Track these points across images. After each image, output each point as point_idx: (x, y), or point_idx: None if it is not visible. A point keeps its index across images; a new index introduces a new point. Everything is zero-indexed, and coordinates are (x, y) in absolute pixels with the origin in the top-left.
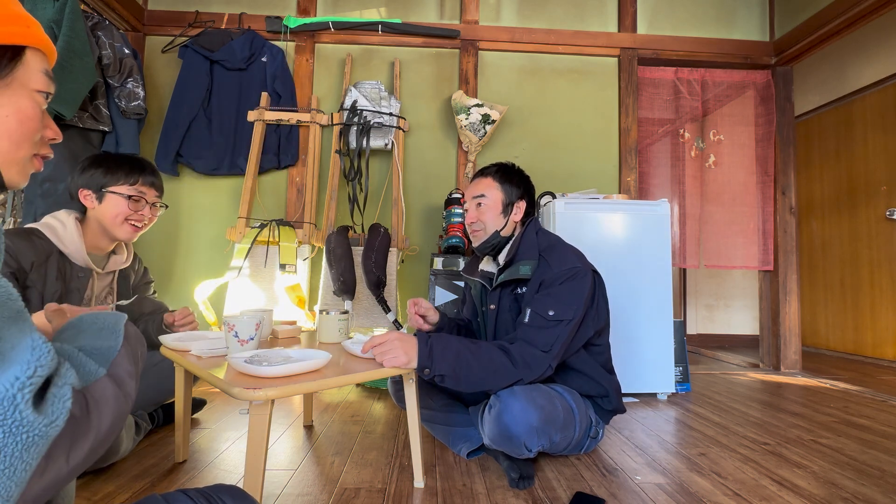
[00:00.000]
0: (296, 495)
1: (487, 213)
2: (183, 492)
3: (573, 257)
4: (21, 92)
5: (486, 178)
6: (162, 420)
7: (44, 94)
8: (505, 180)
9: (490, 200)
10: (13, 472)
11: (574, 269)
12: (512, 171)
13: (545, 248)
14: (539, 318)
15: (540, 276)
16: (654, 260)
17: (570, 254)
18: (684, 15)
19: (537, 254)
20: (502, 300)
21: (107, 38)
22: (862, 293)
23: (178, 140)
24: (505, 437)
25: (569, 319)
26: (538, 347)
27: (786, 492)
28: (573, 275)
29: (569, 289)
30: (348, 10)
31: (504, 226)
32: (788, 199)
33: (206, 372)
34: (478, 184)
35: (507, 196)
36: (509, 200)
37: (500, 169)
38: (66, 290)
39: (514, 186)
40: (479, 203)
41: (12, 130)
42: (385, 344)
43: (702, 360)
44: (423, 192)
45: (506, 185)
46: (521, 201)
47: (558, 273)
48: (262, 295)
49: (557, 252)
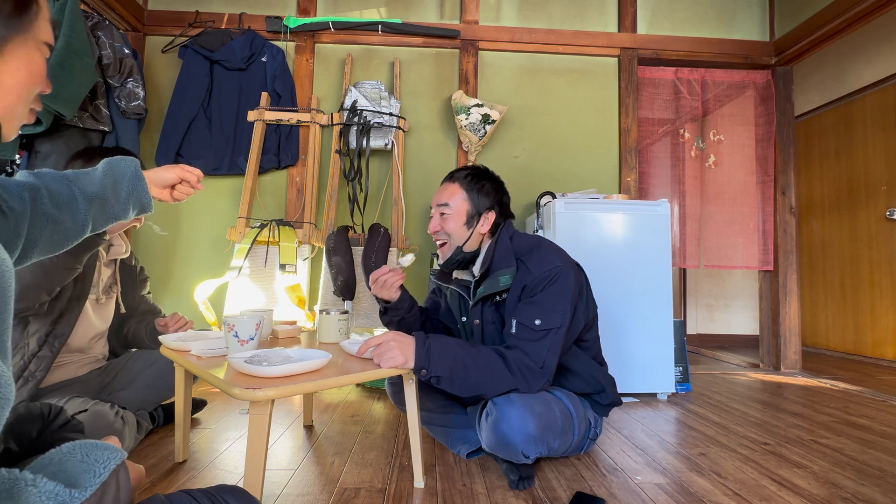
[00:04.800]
0: (296, 495)
1: (450, 223)
2: (186, 492)
3: (553, 256)
4: (32, 44)
5: (454, 183)
6: (162, 420)
7: (48, 45)
8: (473, 188)
9: (453, 210)
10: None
11: (555, 270)
12: (483, 178)
13: (522, 252)
14: (526, 329)
15: (521, 281)
16: (654, 260)
17: (549, 252)
18: (684, 15)
19: (514, 260)
20: (485, 314)
21: (107, 38)
22: (862, 293)
23: (178, 140)
24: (502, 446)
25: (556, 328)
26: (535, 361)
27: (786, 492)
28: (555, 276)
29: (552, 293)
30: (348, 10)
31: (467, 239)
32: (788, 199)
33: (206, 372)
34: (443, 190)
35: (474, 206)
36: (475, 211)
37: (470, 174)
38: (78, 268)
39: (482, 195)
40: (443, 213)
41: (22, 84)
42: (382, 345)
43: (702, 360)
44: (423, 192)
45: (473, 194)
46: (490, 212)
47: (539, 276)
48: (262, 295)
49: (535, 253)
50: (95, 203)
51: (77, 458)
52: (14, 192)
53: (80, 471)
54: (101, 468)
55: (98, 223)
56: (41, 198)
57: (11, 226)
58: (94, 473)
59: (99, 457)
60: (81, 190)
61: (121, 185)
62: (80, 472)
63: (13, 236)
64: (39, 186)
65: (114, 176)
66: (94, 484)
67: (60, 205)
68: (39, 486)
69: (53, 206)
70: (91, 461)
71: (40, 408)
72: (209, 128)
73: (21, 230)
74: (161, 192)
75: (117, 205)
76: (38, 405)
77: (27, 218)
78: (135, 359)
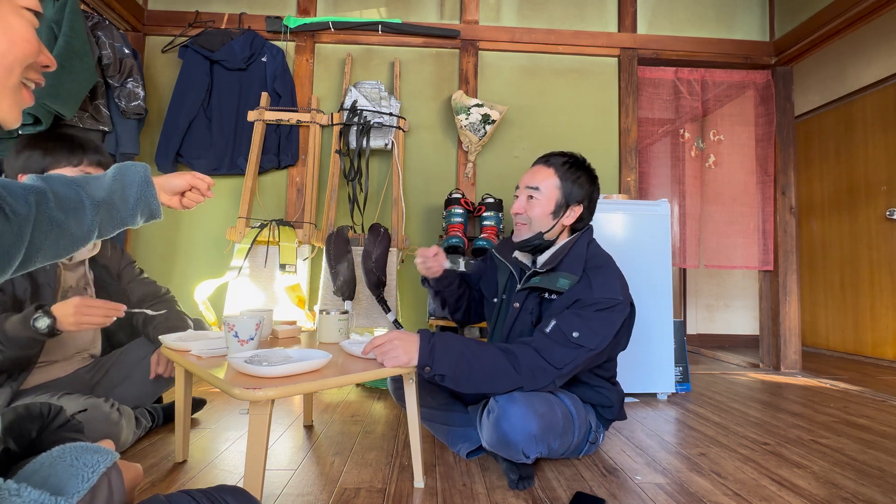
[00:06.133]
0: (296, 495)
1: (536, 209)
2: (186, 492)
3: (617, 286)
4: (8, 9)
5: (549, 168)
6: (162, 420)
7: (34, 13)
8: (568, 177)
9: (543, 196)
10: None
11: (615, 302)
12: (580, 169)
13: (592, 266)
14: (561, 334)
15: (577, 293)
16: (654, 260)
17: (615, 281)
18: (684, 15)
19: (581, 270)
20: (528, 302)
21: (107, 38)
22: (862, 293)
23: (178, 140)
24: (503, 444)
25: (590, 348)
26: (550, 362)
27: (786, 492)
28: (612, 306)
29: (603, 319)
30: (348, 10)
31: (551, 228)
32: (788, 199)
33: (206, 372)
34: (536, 172)
35: (565, 196)
36: (565, 202)
37: (568, 162)
38: (35, 285)
39: (576, 187)
40: (531, 196)
41: (3, 52)
42: (385, 344)
43: (702, 360)
44: (423, 192)
45: (567, 183)
46: (579, 206)
47: (598, 299)
48: (262, 295)
49: (603, 275)
50: (103, 208)
51: (66, 463)
52: (19, 196)
53: (68, 476)
54: (89, 472)
55: (105, 229)
56: (47, 202)
57: (15, 230)
58: (83, 478)
59: (88, 461)
60: (89, 195)
61: (129, 191)
62: (68, 478)
63: (16, 241)
64: (46, 190)
65: (123, 181)
66: (81, 490)
67: (67, 209)
68: (24, 496)
69: (60, 210)
70: (80, 466)
71: (39, 407)
72: (209, 128)
73: (25, 234)
74: (170, 199)
75: (125, 210)
76: (37, 405)
77: (31, 222)
78: (126, 353)
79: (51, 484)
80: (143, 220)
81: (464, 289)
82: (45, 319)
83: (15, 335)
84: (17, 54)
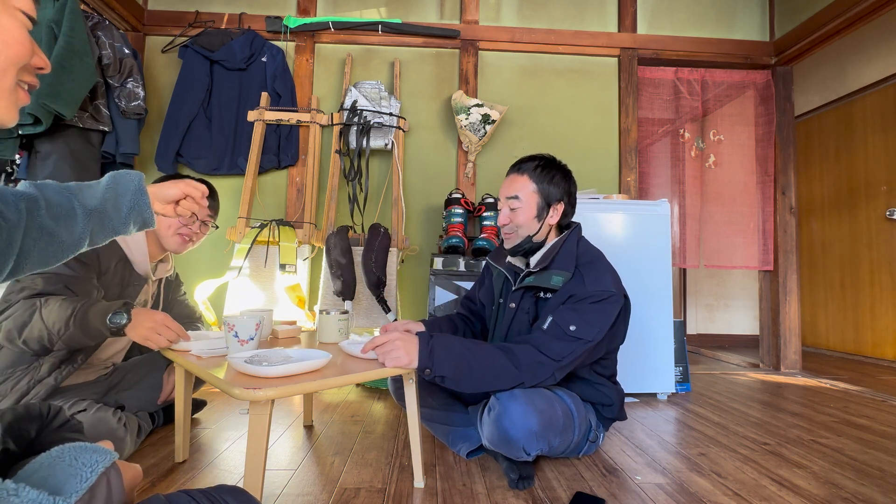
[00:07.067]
0: (296, 495)
1: (520, 217)
2: (185, 492)
3: (609, 280)
4: (0, 9)
5: (522, 175)
6: (162, 420)
7: (28, 16)
8: (543, 179)
9: (524, 203)
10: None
11: (608, 294)
12: (553, 168)
13: (584, 262)
14: (558, 328)
15: (571, 289)
16: (654, 260)
17: (607, 275)
18: (684, 15)
19: (573, 266)
20: (523, 301)
21: (107, 38)
22: (862, 293)
23: (178, 140)
24: (503, 441)
25: (588, 340)
26: (548, 355)
27: (786, 492)
28: (606, 298)
29: (598, 310)
30: (348, 10)
31: (538, 230)
32: (788, 199)
33: (206, 372)
34: (513, 181)
35: (544, 197)
36: (546, 203)
37: (539, 165)
38: (122, 296)
39: (552, 187)
40: (512, 207)
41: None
42: (387, 344)
43: (702, 360)
44: (423, 192)
45: (543, 185)
46: (560, 204)
47: (592, 292)
48: (262, 295)
49: (595, 270)
50: (95, 217)
51: (65, 463)
52: (10, 202)
53: (67, 476)
54: (88, 472)
55: (97, 237)
56: (38, 209)
57: (4, 236)
58: (81, 478)
59: (87, 460)
60: (82, 203)
61: (123, 200)
62: (67, 478)
63: (6, 247)
64: (38, 197)
65: (117, 190)
66: (80, 489)
67: (58, 217)
68: (22, 496)
69: (51, 218)
70: (79, 465)
71: (39, 407)
72: (209, 128)
73: (14, 241)
74: (164, 208)
75: (118, 219)
76: (36, 405)
77: (22, 229)
78: (143, 362)
79: (50, 484)
80: (135, 228)
81: (468, 310)
82: (123, 317)
83: (92, 322)
84: (11, 56)
